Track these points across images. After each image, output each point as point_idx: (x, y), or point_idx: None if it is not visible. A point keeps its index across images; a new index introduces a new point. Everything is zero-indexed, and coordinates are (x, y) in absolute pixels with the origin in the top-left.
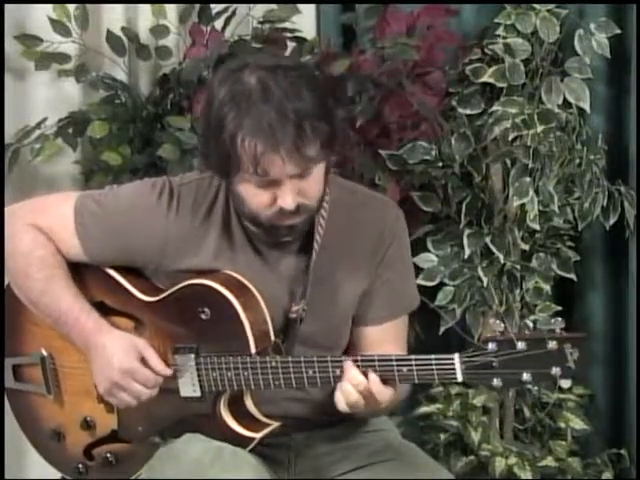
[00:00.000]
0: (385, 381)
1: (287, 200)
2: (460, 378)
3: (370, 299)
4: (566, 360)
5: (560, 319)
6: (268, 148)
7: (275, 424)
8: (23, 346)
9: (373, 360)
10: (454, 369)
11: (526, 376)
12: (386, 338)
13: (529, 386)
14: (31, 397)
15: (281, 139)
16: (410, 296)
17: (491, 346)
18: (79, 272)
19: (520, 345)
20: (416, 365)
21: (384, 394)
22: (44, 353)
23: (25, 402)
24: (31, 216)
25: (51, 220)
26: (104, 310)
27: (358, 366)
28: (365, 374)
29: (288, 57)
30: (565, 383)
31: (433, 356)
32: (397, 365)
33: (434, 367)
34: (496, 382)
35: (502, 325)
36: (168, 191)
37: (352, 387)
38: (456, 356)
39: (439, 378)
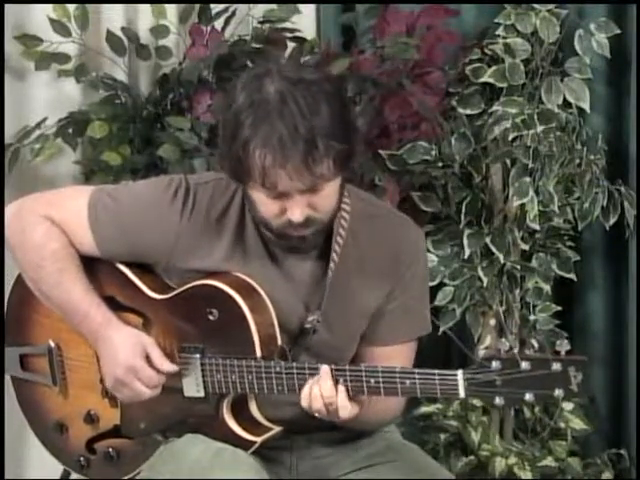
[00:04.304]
0: (353, 397)
1: (295, 213)
2: (463, 394)
3: (384, 319)
4: (569, 382)
5: (566, 341)
6: (276, 163)
7: (277, 428)
8: (32, 337)
9: (377, 371)
10: (457, 385)
11: (529, 396)
12: (394, 359)
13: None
14: (37, 388)
15: (289, 155)
16: (425, 321)
17: (495, 364)
18: (90, 266)
19: (524, 365)
20: (419, 379)
21: (347, 410)
22: (52, 344)
23: (31, 392)
24: (44, 208)
25: (65, 213)
26: (113, 305)
27: (361, 377)
28: (336, 384)
29: (313, 69)
30: (567, 405)
31: (437, 371)
32: (400, 378)
33: (437, 382)
34: (498, 400)
35: (507, 344)
36: (184, 190)
37: (320, 395)
38: (459, 372)
39: (441, 393)
